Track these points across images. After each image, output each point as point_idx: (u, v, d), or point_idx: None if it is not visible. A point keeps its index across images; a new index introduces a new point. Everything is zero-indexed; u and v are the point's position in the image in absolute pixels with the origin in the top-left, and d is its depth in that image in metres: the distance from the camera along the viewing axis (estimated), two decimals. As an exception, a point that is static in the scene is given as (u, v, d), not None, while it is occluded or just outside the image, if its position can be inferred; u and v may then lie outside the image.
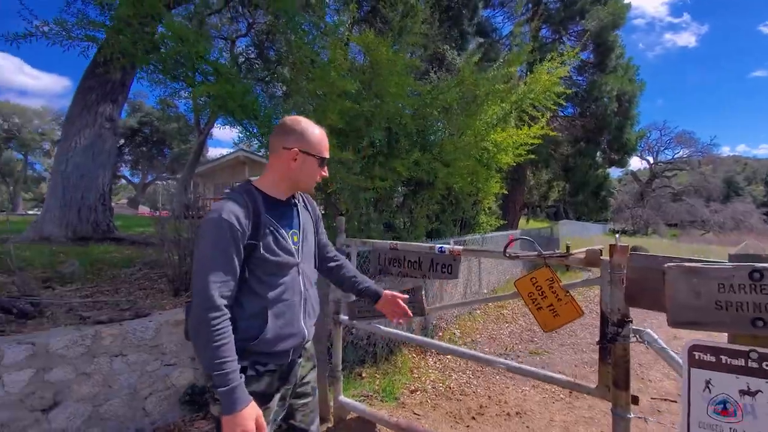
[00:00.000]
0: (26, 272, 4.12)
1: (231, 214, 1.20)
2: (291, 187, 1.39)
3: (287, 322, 1.31)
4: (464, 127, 4.56)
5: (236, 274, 1.21)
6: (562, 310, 1.64)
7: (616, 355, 1.49)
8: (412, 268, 2.11)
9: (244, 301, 1.26)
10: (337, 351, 2.60)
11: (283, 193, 1.38)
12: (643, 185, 45.51)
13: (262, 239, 1.26)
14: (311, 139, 1.34)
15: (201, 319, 1.14)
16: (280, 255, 1.29)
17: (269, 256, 1.26)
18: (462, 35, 13.12)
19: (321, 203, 4.80)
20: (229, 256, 1.19)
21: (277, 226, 1.32)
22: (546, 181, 19.21)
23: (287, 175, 1.36)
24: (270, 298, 1.27)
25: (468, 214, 6.81)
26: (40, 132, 35.74)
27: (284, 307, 1.30)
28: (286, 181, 1.37)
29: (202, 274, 1.17)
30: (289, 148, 1.33)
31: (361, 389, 3.20)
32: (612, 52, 13.26)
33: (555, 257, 1.62)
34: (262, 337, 1.25)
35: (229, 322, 1.18)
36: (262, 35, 14.98)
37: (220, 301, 1.16)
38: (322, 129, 1.41)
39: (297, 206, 1.44)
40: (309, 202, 1.55)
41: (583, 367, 4.23)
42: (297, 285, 1.35)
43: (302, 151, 1.33)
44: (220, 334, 1.14)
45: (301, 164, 1.34)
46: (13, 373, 2.17)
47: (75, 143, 7.31)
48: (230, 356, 1.15)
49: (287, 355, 1.33)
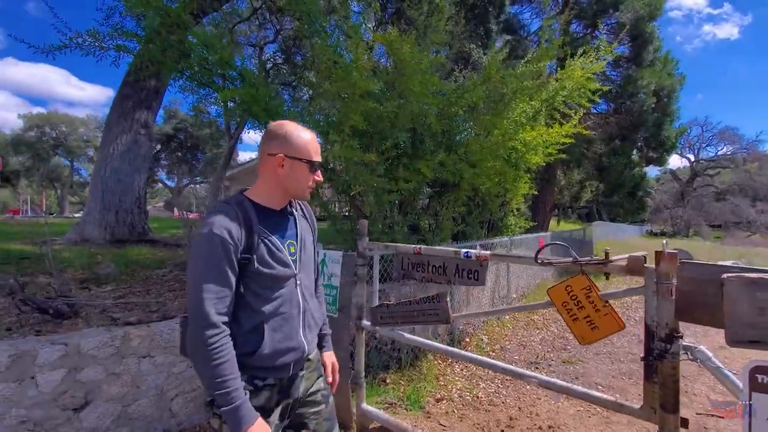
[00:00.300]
0: (65, 273, 4.31)
1: (222, 229, 1.16)
2: (283, 196, 1.33)
3: (285, 336, 1.26)
4: (491, 127, 4.41)
5: (232, 288, 1.18)
6: (601, 322, 1.51)
7: (663, 373, 1.35)
8: (437, 274, 2.02)
9: (240, 316, 1.22)
10: (359, 357, 2.53)
11: (277, 202, 1.33)
12: (684, 184, 43.25)
13: (255, 252, 1.22)
14: (296, 143, 1.28)
15: (198, 338, 1.11)
16: (275, 267, 1.25)
17: (263, 269, 1.22)
18: (488, 33, 12.85)
19: (345, 206, 4.77)
20: (222, 271, 1.16)
21: (272, 237, 1.27)
22: (578, 181, 18.52)
23: (277, 183, 1.30)
24: (266, 312, 1.23)
25: (495, 215, 6.63)
26: (84, 139, 37.88)
27: (281, 320, 1.26)
28: (277, 190, 1.32)
29: (197, 292, 1.13)
30: (274, 154, 1.27)
31: (385, 396, 3.12)
32: (649, 44, 12.62)
33: (592, 264, 1.49)
34: (259, 352, 1.21)
35: (228, 339, 1.15)
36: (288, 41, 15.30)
37: (216, 317, 1.13)
38: (312, 132, 1.35)
39: (294, 215, 1.39)
40: (307, 211, 1.49)
41: (621, 378, 3.98)
42: (295, 297, 1.30)
43: (288, 156, 1.27)
44: (219, 352, 1.11)
45: (289, 170, 1.28)
46: (46, 373, 2.24)
47: (113, 149, 7.65)
48: (231, 374, 1.12)
49: (287, 369, 1.29)
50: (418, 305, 2.07)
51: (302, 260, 1.34)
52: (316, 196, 4.23)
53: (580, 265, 1.52)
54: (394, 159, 3.90)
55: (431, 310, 2.00)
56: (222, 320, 1.14)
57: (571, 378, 3.88)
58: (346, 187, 3.88)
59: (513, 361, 4.29)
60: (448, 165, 4.08)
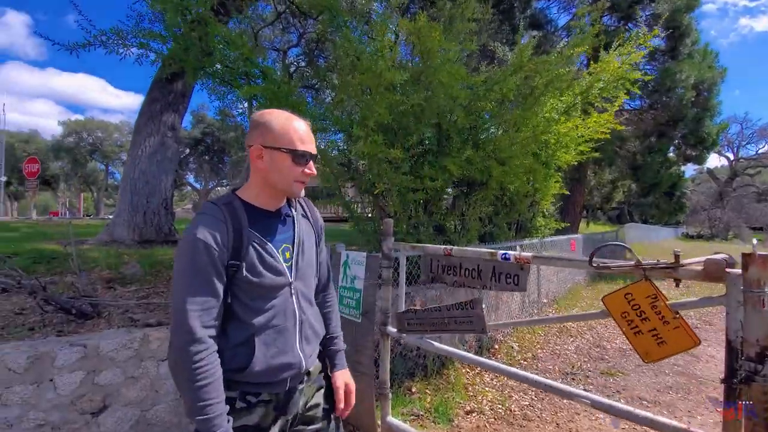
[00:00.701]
0: (92, 273, 4.35)
1: (206, 233, 1.04)
2: (273, 193, 1.18)
3: (280, 351, 1.12)
4: (521, 122, 4.17)
5: (219, 299, 1.05)
6: (669, 336, 1.29)
7: (752, 399, 1.12)
8: (470, 277, 1.84)
9: (228, 329, 1.09)
10: (384, 365, 2.37)
11: (269, 201, 1.18)
12: (722, 184, 41.05)
13: (244, 259, 1.08)
14: (276, 130, 1.12)
15: (181, 354, 0.99)
16: (266, 276, 1.10)
17: (252, 277, 1.08)
18: (514, 29, 12.50)
19: (368, 205, 4.62)
20: (208, 280, 1.03)
21: (263, 241, 1.13)
22: (609, 181, 17.77)
23: (262, 179, 1.16)
24: (257, 324, 1.09)
25: (524, 216, 6.34)
26: (118, 144, 39.50)
27: (275, 333, 1.12)
28: (264, 187, 1.17)
29: (180, 303, 1.01)
30: (252, 146, 1.15)
31: (411, 407, 2.95)
32: (686, 37, 11.94)
33: (659, 269, 1.28)
34: (249, 368, 1.07)
35: (215, 356, 1.02)
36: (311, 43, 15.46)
37: (202, 332, 1.00)
38: (303, 120, 1.19)
39: (292, 216, 1.24)
40: (310, 211, 1.34)
41: (668, 392, 3.65)
42: (290, 307, 1.16)
43: (265, 147, 1.12)
44: (203, 371, 0.98)
45: (269, 162, 1.13)
46: (64, 375, 2.19)
47: (141, 151, 7.81)
48: (215, 398, 0.99)
49: (283, 384, 1.14)
50: (449, 312, 1.89)
51: (299, 267, 1.20)
52: (338, 195, 4.10)
53: (644, 269, 1.30)
54: (419, 156, 3.73)
55: (464, 317, 1.82)
56: (208, 334, 1.01)
57: (612, 392, 3.59)
58: (369, 186, 3.74)
59: (547, 371, 4.02)
60: (476, 162, 3.87)
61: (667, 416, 3.34)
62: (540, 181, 5.90)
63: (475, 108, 4.01)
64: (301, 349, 1.17)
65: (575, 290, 8.02)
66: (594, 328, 5.62)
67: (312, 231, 1.31)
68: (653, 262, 1.30)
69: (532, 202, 6.34)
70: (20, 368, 2.05)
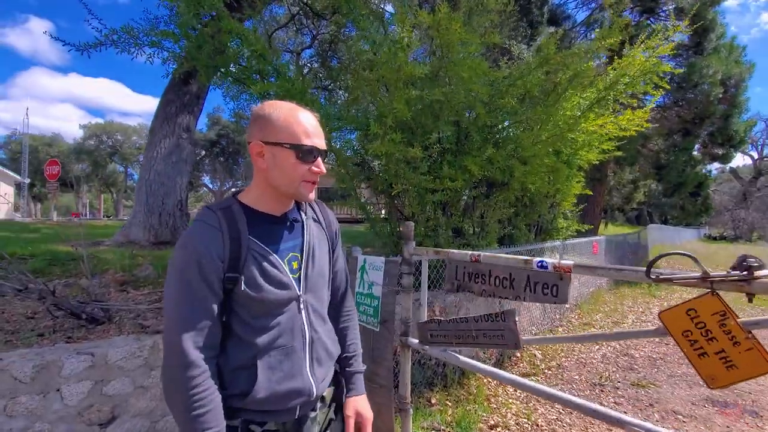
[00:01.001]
0: (106, 275, 4.32)
1: (199, 243, 0.92)
2: (277, 197, 1.04)
3: (286, 376, 0.98)
4: (545, 119, 3.97)
5: (214, 316, 0.92)
6: (740, 359, 1.11)
7: None
8: (501, 287, 1.68)
9: (227, 349, 0.97)
10: (404, 379, 2.23)
11: (274, 205, 1.04)
12: (747, 184, 39.65)
13: (243, 271, 0.95)
14: (277, 123, 0.97)
15: (174, 379, 0.87)
16: (268, 290, 0.97)
17: (253, 292, 0.95)
18: (531, 25, 12.23)
19: (384, 207, 4.48)
20: (201, 296, 0.91)
21: (266, 251, 0.99)
22: (630, 181, 17.25)
23: (264, 180, 1.02)
24: (260, 344, 0.96)
25: (545, 217, 6.12)
26: (137, 147, 40.34)
27: (280, 355, 0.98)
28: (266, 189, 1.03)
29: (171, 322, 0.89)
30: (251, 142, 1.01)
31: (432, 420, 2.79)
32: (711, 31, 11.47)
33: (729, 281, 1.10)
34: (252, 395, 0.94)
35: (211, 381, 0.90)
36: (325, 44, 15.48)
37: (195, 354, 0.88)
38: (306, 110, 1.03)
39: (302, 221, 1.10)
40: (323, 213, 1.19)
41: (704, 406, 3.41)
42: (298, 325, 1.02)
43: (266, 142, 0.98)
44: (200, 398, 0.86)
45: (271, 161, 0.99)
46: (72, 385, 2.11)
47: (156, 153, 7.84)
48: (213, 427, 0.88)
49: (292, 411, 1.01)
50: (477, 323, 1.73)
51: (309, 277, 1.06)
52: (353, 196, 3.97)
53: (711, 282, 1.13)
54: (438, 155, 3.57)
55: (495, 331, 1.66)
56: (203, 356, 0.89)
57: (645, 405, 3.37)
58: (386, 187, 3.59)
59: (573, 381, 3.81)
60: (498, 161, 3.69)
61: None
62: (562, 182, 5.67)
63: (496, 105, 3.83)
64: (311, 372, 1.03)
65: (597, 294, 7.74)
66: (620, 335, 5.37)
67: (325, 237, 1.17)
68: (722, 273, 1.12)
69: (552, 203, 6.13)
70: (26, 377, 1.97)
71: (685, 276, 1.18)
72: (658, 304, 7.38)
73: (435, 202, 3.65)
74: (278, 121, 0.98)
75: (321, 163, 1.04)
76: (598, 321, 6.11)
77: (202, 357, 0.89)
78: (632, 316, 6.51)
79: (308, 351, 1.03)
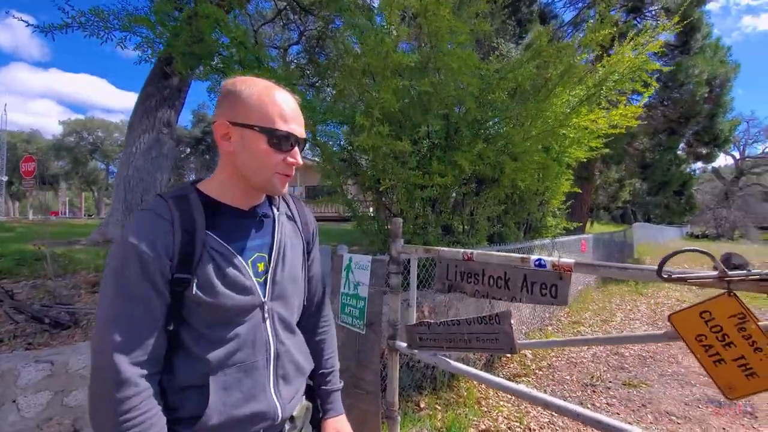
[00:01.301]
0: (78, 276, 4.09)
1: (143, 237, 0.76)
2: (245, 188, 0.88)
3: (246, 397, 0.83)
4: (535, 115, 3.89)
5: (158, 324, 0.77)
6: (762, 367, 1.01)
7: None
8: (495, 287, 1.56)
9: (174, 364, 0.81)
10: (392, 384, 2.10)
11: (240, 197, 0.89)
12: (728, 183, 40.68)
13: (196, 271, 0.79)
14: (248, 102, 0.82)
15: (103, 400, 0.72)
16: (226, 295, 0.82)
17: (207, 297, 0.79)
18: (520, 23, 12.23)
19: (371, 204, 4.34)
20: (142, 298, 0.76)
21: (227, 249, 0.83)
22: (616, 180, 17.45)
23: (232, 168, 0.86)
24: (213, 360, 0.80)
25: (534, 215, 6.07)
26: (119, 144, 39.38)
27: (239, 373, 0.83)
28: (232, 177, 0.87)
29: (103, 330, 0.74)
30: (216, 121, 0.85)
31: (421, 426, 2.67)
32: (697, 31, 11.63)
33: (750, 281, 1.00)
34: (203, 420, 0.78)
35: (152, 403, 0.74)
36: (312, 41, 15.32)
37: (130, 371, 0.72)
38: (285, 91, 0.88)
39: (273, 218, 0.95)
40: (300, 212, 1.05)
41: (697, 406, 3.36)
42: (261, 337, 0.87)
43: (234, 123, 0.82)
44: (133, 424, 0.71)
45: (239, 144, 0.83)
46: (29, 396, 1.92)
47: (135, 148, 7.56)
48: None
49: None
50: (469, 326, 1.61)
51: (277, 282, 0.91)
52: (339, 193, 3.82)
53: (728, 282, 1.02)
54: (427, 151, 3.45)
55: (488, 334, 1.54)
56: (140, 373, 0.74)
57: (638, 405, 3.31)
58: (373, 183, 3.46)
59: (564, 382, 3.74)
60: (488, 157, 3.59)
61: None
62: (551, 179, 5.65)
63: (486, 99, 3.72)
64: (276, 392, 0.88)
65: (586, 292, 7.74)
66: (609, 333, 5.34)
67: (299, 237, 1.02)
68: (742, 273, 1.02)
69: (541, 200, 6.09)
70: (-24, 389, 1.79)
71: (699, 275, 1.07)
72: (645, 302, 7.41)
73: (424, 199, 3.53)
74: (250, 99, 0.83)
75: (298, 153, 0.88)
76: (587, 319, 6.08)
77: (141, 374, 0.74)
78: (620, 314, 6.50)
79: (273, 367, 0.88)
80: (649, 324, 5.98)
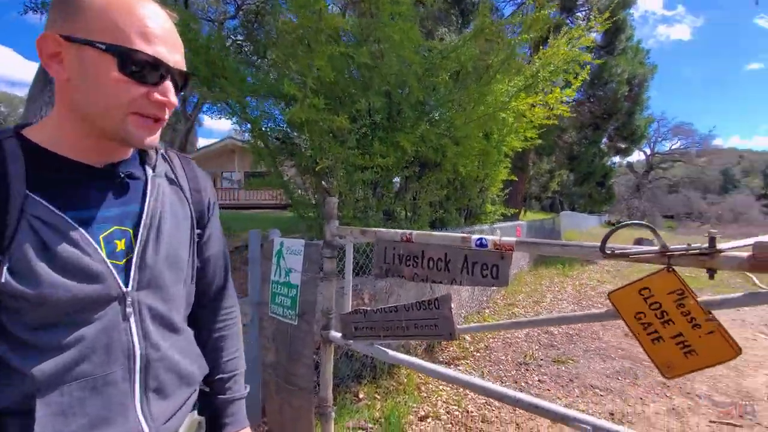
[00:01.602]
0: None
1: None
2: (89, 132, 0.62)
3: (93, 423, 0.60)
4: (477, 99, 3.88)
5: None
6: (700, 344, 0.98)
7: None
8: (435, 269, 1.44)
9: None
10: (325, 379, 1.93)
11: (86, 148, 0.63)
12: (640, 177, 45.41)
13: (10, 249, 0.55)
14: (92, 10, 0.58)
15: None
16: (55, 283, 0.56)
17: (24, 287, 0.55)
18: (463, 14, 12.42)
19: (310, 187, 4.08)
20: None
21: (60, 219, 0.59)
22: (547, 171, 18.63)
23: (68, 102, 0.61)
24: (40, 376, 0.56)
25: (474, 201, 6.20)
26: (23, 119, 34.60)
27: (82, 391, 0.60)
28: (71, 119, 0.61)
29: None
30: (41, 36, 0.59)
31: (359, 417, 2.55)
32: (622, 32, 12.61)
33: (691, 255, 0.96)
34: None
35: None
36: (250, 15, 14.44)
37: None
38: (153, 3, 0.63)
39: (145, 180, 0.71)
40: (188, 175, 0.80)
41: (617, 378, 3.61)
42: (119, 339, 0.63)
43: (69, 39, 0.57)
44: None
45: (76, 70, 0.58)
46: None
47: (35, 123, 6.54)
48: None
49: None
50: (407, 312, 1.49)
51: (148, 266, 0.67)
52: (274, 174, 3.52)
53: (668, 257, 0.98)
54: (368, 130, 3.28)
55: (427, 320, 1.43)
56: None
57: (566, 381, 3.48)
58: (311, 164, 3.22)
59: (500, 362, 3.84)
60: (431, 140, 3.51)
61: (621, 404, 3.31)
62: (490, 166, 5.77)
63: (429, 81, 3.63)
64: (144, 411, 0.65)
65: (520, 276, 8.12)
66: (539, 314, 5.63)
67: (186, 207, 0.77)
68: (682, 247, 0.98)
69: (481, 187, 6.22)
70: None
71: (640, 250, 1.02)
72: (571, 283, 7.96)
73: (365, 181, 3.37)
74: (94, 5, 0.58)
75: (171, 90, 0.64)
76: (521, 301, 6.37)
77: None
78: (550, 295, 6.91)
79: (140, 379, 0.65)
80: (574, 303, 6.42)
